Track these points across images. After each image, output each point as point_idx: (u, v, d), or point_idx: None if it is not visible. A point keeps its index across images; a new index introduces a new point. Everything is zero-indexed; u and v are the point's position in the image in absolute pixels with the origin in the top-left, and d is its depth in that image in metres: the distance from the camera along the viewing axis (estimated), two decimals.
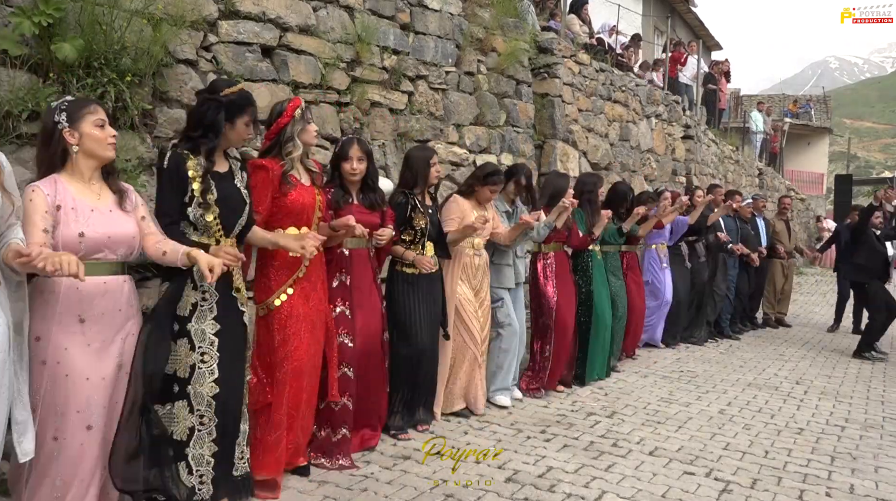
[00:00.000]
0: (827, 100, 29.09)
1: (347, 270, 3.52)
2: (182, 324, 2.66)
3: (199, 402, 2.64)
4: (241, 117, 2.76)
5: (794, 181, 21.59)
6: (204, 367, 2.65)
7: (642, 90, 9.22)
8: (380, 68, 5.04)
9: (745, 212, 8.09)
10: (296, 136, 3.13)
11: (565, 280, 5.02)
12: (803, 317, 10.02)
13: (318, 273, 3.25)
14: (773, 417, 4.69)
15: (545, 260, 4.91)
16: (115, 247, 2.44)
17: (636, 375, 5.70)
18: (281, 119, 3.15)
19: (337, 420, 3.40)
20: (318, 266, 3.26)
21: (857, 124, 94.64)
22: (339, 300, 3.47)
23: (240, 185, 2.82)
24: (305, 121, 3.19)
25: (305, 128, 3.19)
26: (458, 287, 4.25)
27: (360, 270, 3.57)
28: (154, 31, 3.53)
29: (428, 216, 3.94)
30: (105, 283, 2.42)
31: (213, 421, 2.67)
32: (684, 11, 19.77)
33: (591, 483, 3.36)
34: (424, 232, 3.90)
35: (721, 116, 16.20)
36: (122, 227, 2.46)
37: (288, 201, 3.10)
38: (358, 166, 3.50)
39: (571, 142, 7.22)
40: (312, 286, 3.20)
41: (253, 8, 4.15)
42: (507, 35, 6.51)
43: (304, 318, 3.12)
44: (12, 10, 3.06)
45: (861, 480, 3.61)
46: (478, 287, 4.35)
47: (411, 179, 3.98)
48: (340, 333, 3.43)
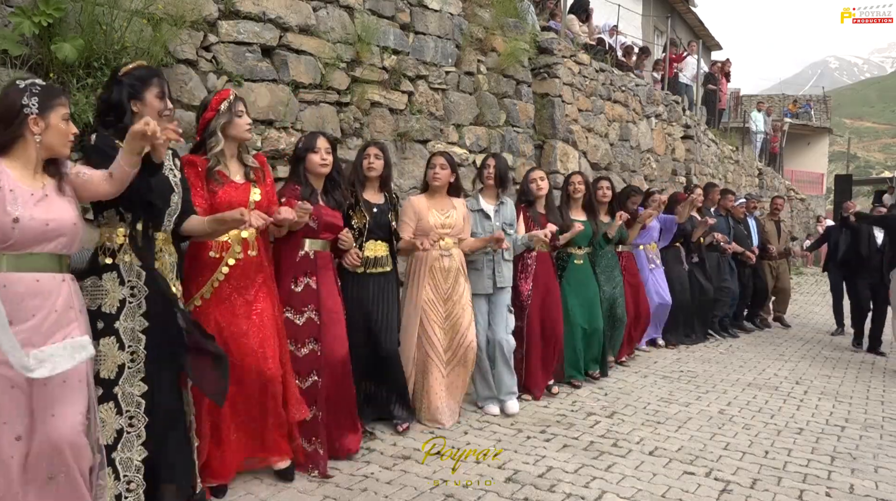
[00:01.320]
0: (827, 100, 29.08)
1: (313, 273, 3.39)
2: (108, 322, 2.53)
3: (129, 403, 2.53)
4: (148, 90, 2.60)
5: (794, 181, 21.59)
6: (133, 366, 2.54)
7: (642, 90, 9.22)
8: (380, 68, 5.04)
9: (738, 213, 8.06)
10: (218, 131, 2.99)
11: (547, 282, 4.84)
12: (803, 317, 10.02)
13: (253, 277, 3.05)
14: (773, 417, 4.69)
15: (524, 260, 4.76)
16: (54, 235, 2.21)
17: (636, 375, 5.70)
18: (206, 113, 3.01)
19: (308, 431, 3.28)
20: (254, 269, 3.06)
21: (856, 124, 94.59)
22: (306, 305, 3.34)
23: (168, 173, 2.65)
24: (234, 115, 3.02)
25: (234, 121, 3.02)
26: (424, 291, 4.04)
27: (326, 273, 3.47)
28: (154, 31, 3.53)
29: (372, 214, 3.78)
30: (38, 281, 2.17)
31: (142, 423, 2.54)
32: (684, 11, 19.78)
33: (591, 483, 3.36)
34: (363, 231, 3.75)
35: (721, 116, 16.21)
36: (62, 213, 2.24)
37: (215, 199, 2.96)
38: (327, 157, 3.46)
39: (571, 142, 7.23)
40: (243, 292, 3.01)
41: (253, 8, 4.15)
42: (507, 35, 6.51)
43: (227, 328, 2.95)
44: (12, 10, 3.06)
45: (861, 480, 3.61)
46: (448, 291, 4.10)
47: (353, 174, 3.84)
48: (308, 341, 3.31)
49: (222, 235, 2.94)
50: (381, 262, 3.88)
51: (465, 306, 4.15)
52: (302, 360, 3.31)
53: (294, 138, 4.08)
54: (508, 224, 4.51)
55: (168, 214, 2.66)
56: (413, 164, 5.30)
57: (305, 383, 3.31)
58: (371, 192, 3.88)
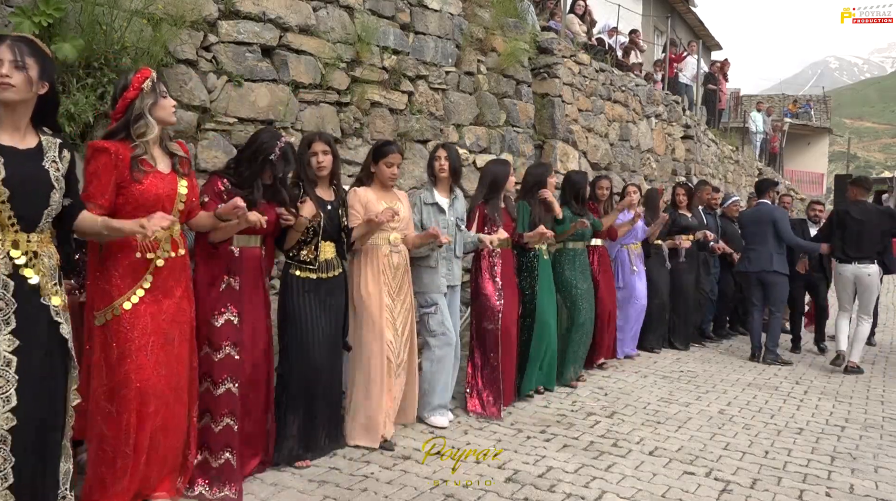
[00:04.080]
0: (827, 100, 29.11)
1: (237, 272, 3.07)
2: None
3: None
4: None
5: (794, 181, 21.63)
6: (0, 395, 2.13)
7: (642, 90, 9.23)
8: (380, 68, 5.04)
9: (732, 212, 7.79)
10: (147, 113, 2.64)
11: (508, 281, 4.48)
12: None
13: (175, 276, 2.78)
14: (773, 417, 4.69)
15: (490, 258, 4.37)
16: None
17: (636, 375, 5.70)
18: (127, 93, 2.65)
19: (217, 442, 2.96)
20: (177, 268, 2.79)
21: (856, 124, 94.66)
22: (226, 306, 3.03)
23: (49, 166, 2.26)
24: (159, 95, 2.69)
25: (159, 102, 2.69)
26: (373, 291, 3.70)
27: (251, 272, 3.14)
28: (154, 31, 3.53)
29: (326, 212, 3.46)
30: None
31: (8, 463, 2.14)
32: (684, 11, 19.79)
33: (591, 483, 3.36)
34: (317, 230, 3.41)
35: (721, 116, 16.22)
36: None
37: (139, 191, 2.62)
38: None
39: (571, 142, 7.23)
40: (167, 292, 2.74)
41: (253, 8, 4.15)
42: (507, 35, 6.51)
43: (155, 331, 2.68)
44: (12, 10, 3.06)
45: (861, 480, 3.61)
46: (397, 290, 3.80)
47: (300, 172, 3.51)
48: (225, 345, 3.00)
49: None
50: (332, 266, 3.53)
51: (409, 307, 3.88)
52: (217, 365, 2.99)
53: (294, 138, 4.07)
54: (460, 218, 4.24)
55: (46, 214, 2.27)
56: (413, 164, 5.30)
57: (218, 390, 2.98)
58: (321, 189, 3.54)
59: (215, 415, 2.99)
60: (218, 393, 2.98)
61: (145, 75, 2.67)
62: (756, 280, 6.51)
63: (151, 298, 2.67)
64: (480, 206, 4.46)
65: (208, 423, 2.99)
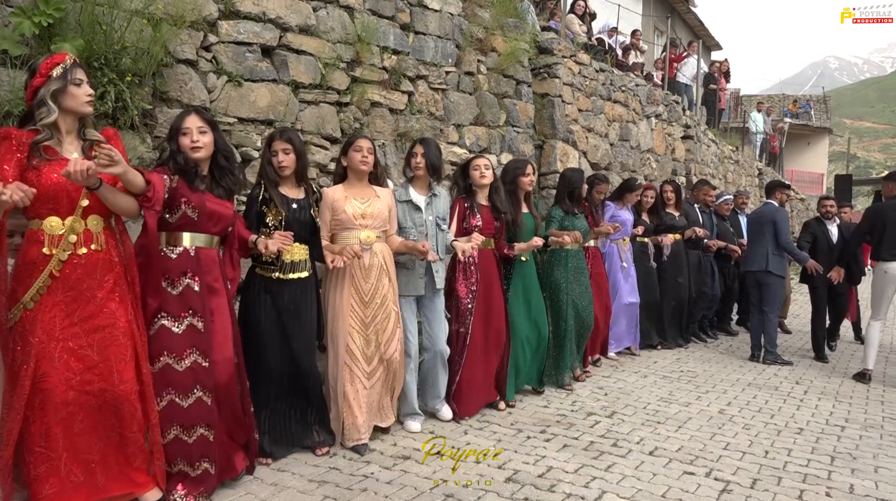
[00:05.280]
0: (827, 100, 29.12)
1: (194, 273, 2.90)
2: None
3: None
4: None
5: (794, 181, 21.63)
6: None
7: (642, 90, 9.23)
8: (380, 68, 5.05)
9: (723, 210, 7.75)
10: (49, 100, 2.50)
11: (490, 283, 4.35)
12: (803, 318, 10.01)
13: (96, 276, 2.58)
14: (773, 417, 4.69)
15: (466, 258, 4.17)
16: None
17: (636, 375, 5.70)
18: (34, 80, 2.52)
19: (193, 453, 2.84)
20: (101, 267, 2.60)
21: (856, 124, 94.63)
22: (186, 311, 2.85)
23: None
24: (69, 82, 2.54)
25: (69, 90, 2.53)
26: (343, 293, 3.57)
27: (210, 274, 2.98)
28: (154, 31, 3.53)
29: (290, 210, 3.35)
30: None
31: None
32: (684, 11, 19.81)
33: (591, 483, 3.36)
34: (279, 228, 3.30)
35: (721, 116, 16.23)
36: None
37: (35, 176, 2.47)
38: (199, 138, 2.94)
39: (571, 142, 7.23)
40: (82, 294, 2.55)
41: (253, 8, 4.15)
42: (507, 35, 6.51)
43: (66, 337, 2.50)
44: (12, 10, 3.07)
45: (861, 480, 3.61)
46: (371, 292, 3.61)
47: (262, 172, 3.40)
48: (189, 353, 2.82)
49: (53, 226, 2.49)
50: (298, 267, 3.41)
51: (389, 311, 3.68)
52: (182, 375, 2.81)
53: None
54: (441, 218, 4.07)
55: None
56: None
57: (187, 401, 2.81)
58: (288, 187, 3.43)
59: (186, 428, 2.82)
60: (187, 404, 2.82)
61: (56, 61, 2.55)
62: (754, 280, 6.53)
63: (61, 299, 2.50)
64: (460, 200, 4.35)
65: (178, 435, 2.81)
